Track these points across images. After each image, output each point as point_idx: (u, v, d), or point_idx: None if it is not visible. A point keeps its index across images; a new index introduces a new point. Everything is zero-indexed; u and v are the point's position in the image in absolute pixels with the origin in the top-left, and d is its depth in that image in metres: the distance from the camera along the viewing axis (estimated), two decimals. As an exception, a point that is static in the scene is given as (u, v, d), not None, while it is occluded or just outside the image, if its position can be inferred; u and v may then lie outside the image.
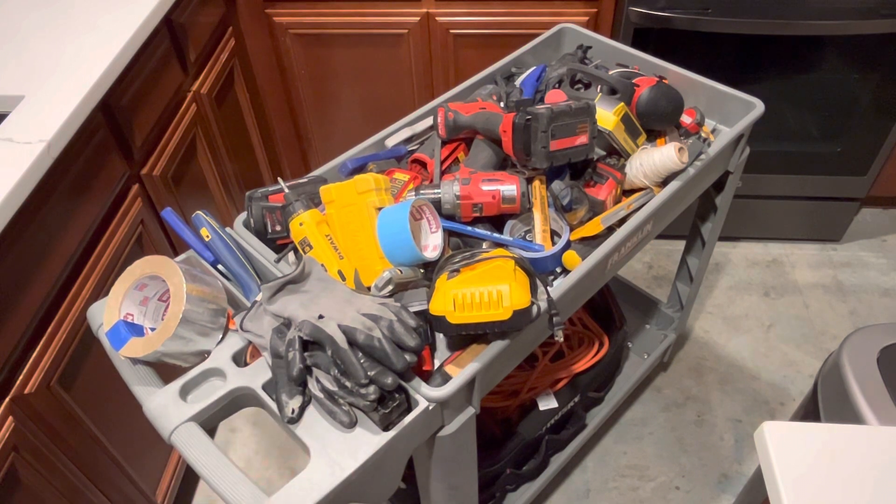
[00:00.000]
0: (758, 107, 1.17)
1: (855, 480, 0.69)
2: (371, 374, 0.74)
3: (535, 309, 0.84)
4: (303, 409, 0.79)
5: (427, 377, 0.84)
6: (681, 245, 1.57)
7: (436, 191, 0.98)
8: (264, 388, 0.82)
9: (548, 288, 0.89)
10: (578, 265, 0.96)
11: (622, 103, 1.08)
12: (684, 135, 1.18)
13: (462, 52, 1.83)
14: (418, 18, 1.77)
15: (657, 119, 1.13)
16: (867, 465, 0.71)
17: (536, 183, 1.04)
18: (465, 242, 0.99)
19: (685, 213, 1.28)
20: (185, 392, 0.83)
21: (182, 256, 0.98)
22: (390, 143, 1.17)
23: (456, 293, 0.81)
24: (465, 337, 0.87)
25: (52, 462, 1.10)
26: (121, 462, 1.29)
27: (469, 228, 0.98)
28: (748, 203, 2.05)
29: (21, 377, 1.04)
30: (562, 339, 0.90)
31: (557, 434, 1.47)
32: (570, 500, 1.62)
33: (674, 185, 1.07)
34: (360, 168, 1.11)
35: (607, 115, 1.07)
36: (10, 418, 1.01)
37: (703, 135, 1.17)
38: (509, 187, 0.97)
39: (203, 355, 0.86)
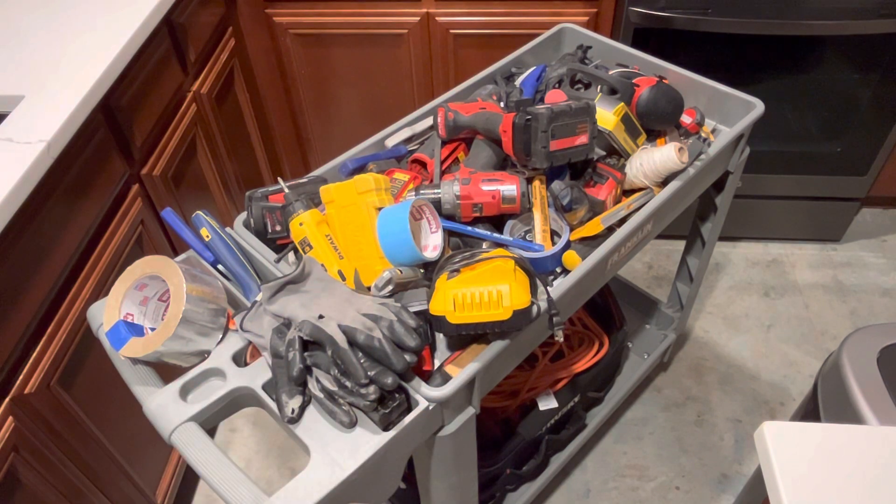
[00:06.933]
0: (758, 107, 1.17)
1: (854, 480, 0.69)
2: (371, 374, 0.74)
3: (535, 309, 0.84)
4: (303, 409, 0.79)
5: (427, 377, 0.84)
6: (681, 245, 1.57)
7: (436, 191, 0.98)
8: (264, 388, 0.82)
9: (548, 288, 0.89)
10: (578, 265, 0.96)
11: (622, 103, 1.08)
12: (684, 135, 1.18)
13: (462, 52, 1.83)
14: (418, 18, 1.77)
15: (657, 119, 1.13)
16: (867, 464, 0.71)
17: (536, 183, 1.04)
18: (465, 242, 0.99)
19: (685, 213, 1.28)
20: (185, 392, 0.83)
21: (182, 256, 0.98)
22: (390, 143, 1.17)
23: (456, 293, 0.81)
24: (465, 337, 0.87)
25: (52, 462, 1.10)
26: (121, 462, 1.29)
27: (469, 228, 0.98)
28: (748, 203, 2.05)
29: (21, 377, 1.04)
30: (562, 339, 0.90)
31: (557, 434, 1.47)
32: (570, 500, 1.62)
33: (674, 185, 1.07)
34: (360, 168, 1.11)
35: (607, 115, 1.06)
36: (10, 418, 1.01)
37: (703, 135, 1.17)
38: (509, 187, 0.97)
39: (203, 355, 0.86)
